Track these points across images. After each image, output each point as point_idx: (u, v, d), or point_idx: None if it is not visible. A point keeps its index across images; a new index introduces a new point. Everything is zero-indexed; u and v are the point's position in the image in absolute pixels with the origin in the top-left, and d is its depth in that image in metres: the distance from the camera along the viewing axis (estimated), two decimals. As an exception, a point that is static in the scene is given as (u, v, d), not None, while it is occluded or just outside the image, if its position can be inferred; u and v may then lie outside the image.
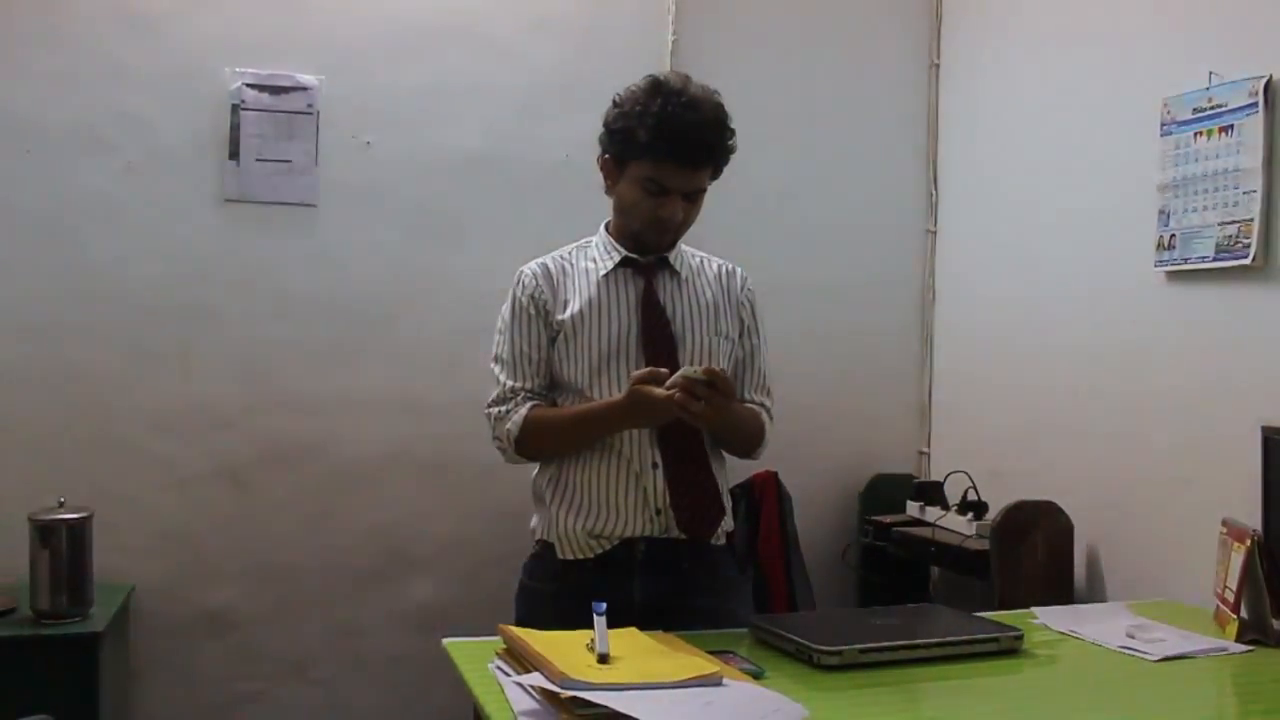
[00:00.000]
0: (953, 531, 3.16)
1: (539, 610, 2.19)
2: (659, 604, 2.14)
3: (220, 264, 3.17)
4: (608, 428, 2.17)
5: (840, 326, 3.63)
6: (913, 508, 3.38)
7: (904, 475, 3.61)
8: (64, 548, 2.71)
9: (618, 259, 2.25)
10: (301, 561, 3.22)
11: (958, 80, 3.64)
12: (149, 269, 3.12)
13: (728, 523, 2.29)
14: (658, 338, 2.20)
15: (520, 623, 2.07)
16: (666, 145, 2.11)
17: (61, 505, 2.76)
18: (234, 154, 3.16)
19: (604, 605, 1.79)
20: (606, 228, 2.31)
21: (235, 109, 3.15)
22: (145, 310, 3.12)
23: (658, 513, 2.18)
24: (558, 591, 2.21)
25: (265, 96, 3.18)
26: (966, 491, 3.23)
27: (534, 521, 2.30)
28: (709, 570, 2.24)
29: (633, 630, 1.91)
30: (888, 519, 3.38)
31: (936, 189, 3.69)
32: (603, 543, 2.19)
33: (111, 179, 3.09)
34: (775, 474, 3.36)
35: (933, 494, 3.36)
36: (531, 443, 2.21)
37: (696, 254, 2.35)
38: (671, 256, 2.27)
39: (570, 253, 2.31)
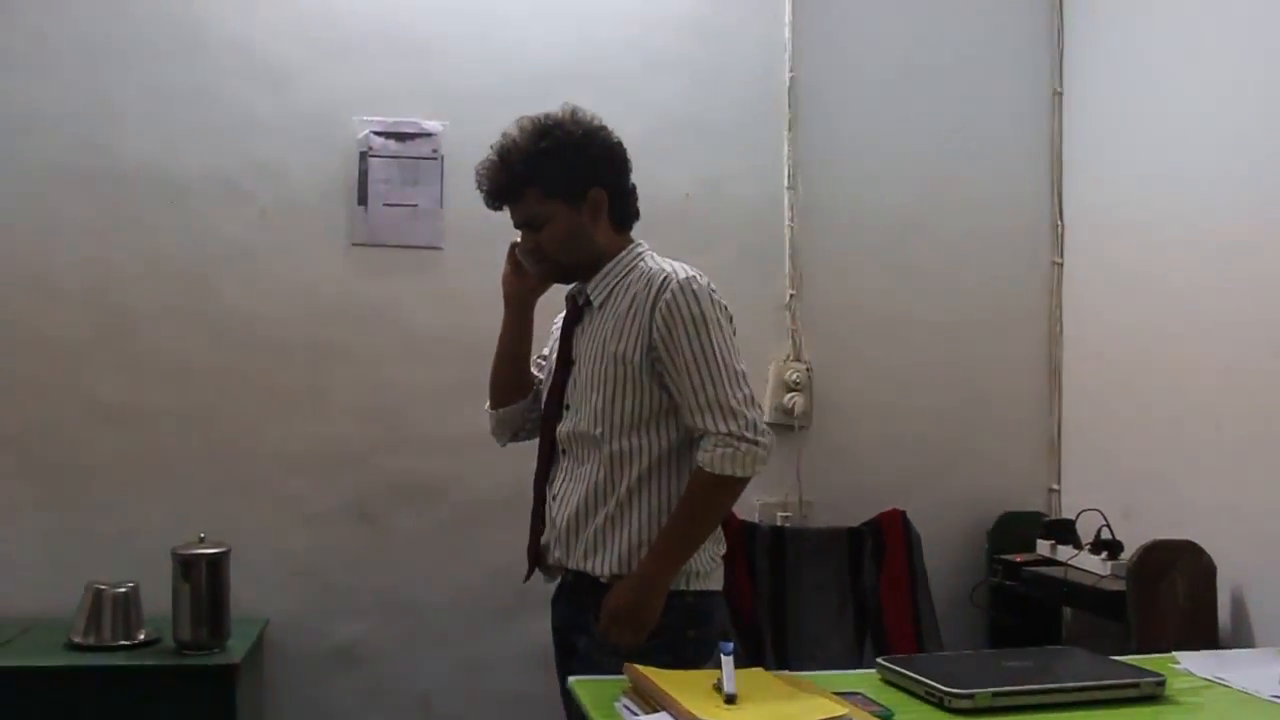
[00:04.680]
0: (1086, 571, 3.06)
1: None
2: (563, 634, 2.31)
3: (349, 306, 3.26)
4: (503, 330, 2.49)
5: (966, 361, 3.57)
6: (1043, 546, 3.28)
7: (1033, 513, 3.51)
8: (204, 581, 2.81)
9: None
10: (428, 597, 3.27)
11: (1081, 108, 3.56)
12: (281, 311, 3.23)
13: (610, 562, 2.22)
14: (557, 381, 2.36)
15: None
16: None
17: (202, 540, 2.86)
18: (362, 199, 3.26)
19: (731, 645, 1.78)
20: None
21: (363, 156, 3.25)
22: (278, 351, 3.22)
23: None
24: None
25: (391, 143, 3.27)
26: (1100, 530, 3.12)
27: None
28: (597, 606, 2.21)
29: (759, 670, 1.91)
30: (1018, 558, 3.29)
31: (1062, 220, 3.61)
32: (553, 572, 2.36)
33: (246, 226, 3.21)
34: (903, 513, 3.31)
35: (1064, 532, 3.26)
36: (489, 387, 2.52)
37: (642, 270, 2.25)
38: (590, 286, 2.31)
39: None
